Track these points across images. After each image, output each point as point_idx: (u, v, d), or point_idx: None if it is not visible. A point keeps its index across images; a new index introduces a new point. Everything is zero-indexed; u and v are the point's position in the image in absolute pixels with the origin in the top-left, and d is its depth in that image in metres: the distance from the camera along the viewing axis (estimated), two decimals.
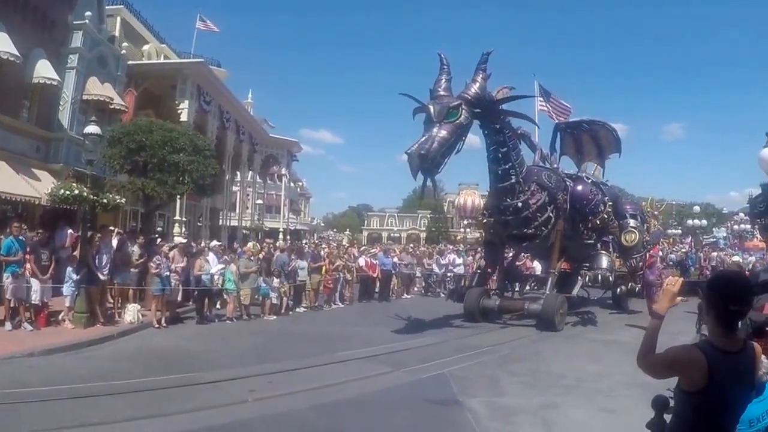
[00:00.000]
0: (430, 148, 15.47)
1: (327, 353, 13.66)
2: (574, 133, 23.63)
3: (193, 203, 35.13)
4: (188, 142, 21.58)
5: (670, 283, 3.66)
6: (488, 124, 17.75)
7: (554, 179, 20.26)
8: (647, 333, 3.56)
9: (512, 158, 18.28)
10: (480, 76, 17.07)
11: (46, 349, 12.58)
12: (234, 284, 18.54)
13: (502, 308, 19.67)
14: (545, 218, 19.35)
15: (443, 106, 16.18)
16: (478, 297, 19.78)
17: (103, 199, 17.19)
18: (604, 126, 23.11)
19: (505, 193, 18.79)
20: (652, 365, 3.47)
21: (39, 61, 22.45)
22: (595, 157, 23.54)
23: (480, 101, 16.86)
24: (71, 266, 15.49)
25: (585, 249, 21.30)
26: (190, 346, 14.40)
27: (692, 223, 51.87)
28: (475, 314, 19.39)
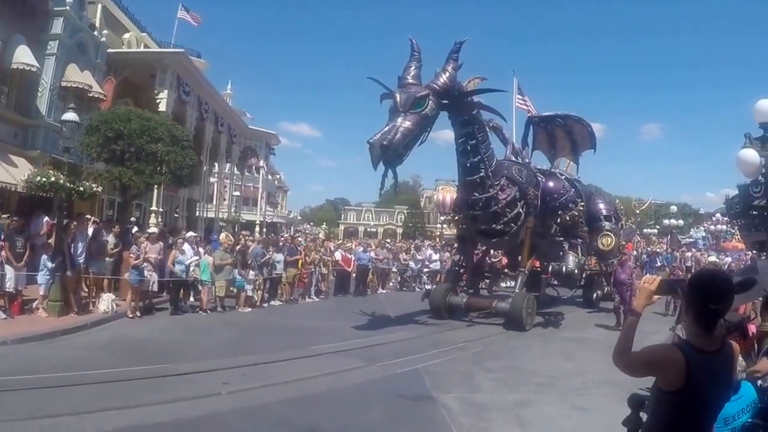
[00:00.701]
0: (392, 139, 15.03)
1: (301, 347, 13.65)
2: (548, 128, 22.99)
3: (170, 194, 34.89)
4: (166, 132, 21.42)
5: (647, 281, 3.68)
6: (456, 116, 17.35)
7: (525, 174, 19.71)
8: (624, 330, 3.58)
9: (481, 151, 17.77)
10: (450, 66, 16.57)
11: (19, 337, 12.55)
12: (209, 276, 18.51)
13: (469, 306, 19.14)
14: (515, 214, 18.77)
15: (409, 96, 15.67)
16: (444, 293, 19.49)
17: (79, 187, 17.04)
18: (580, 121, 22.42)
19: (474, 187, 18.28)
20: (629, 364, 3.45)
21: (18, 47, 22.11)
22: (569, 153, 23.09)
23: (448, 92, 16.41)
24: (46, 254, 15.37)
25: (556, 247, 21.00)
26: (163, 338, 14.37)
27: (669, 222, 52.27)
28: (441, 311, 18.99)
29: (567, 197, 20.27)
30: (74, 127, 17.01)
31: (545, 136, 23.11)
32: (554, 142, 23.09)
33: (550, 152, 23.42)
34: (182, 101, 31.27)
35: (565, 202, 20.12)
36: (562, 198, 20.10)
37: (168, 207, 36.38)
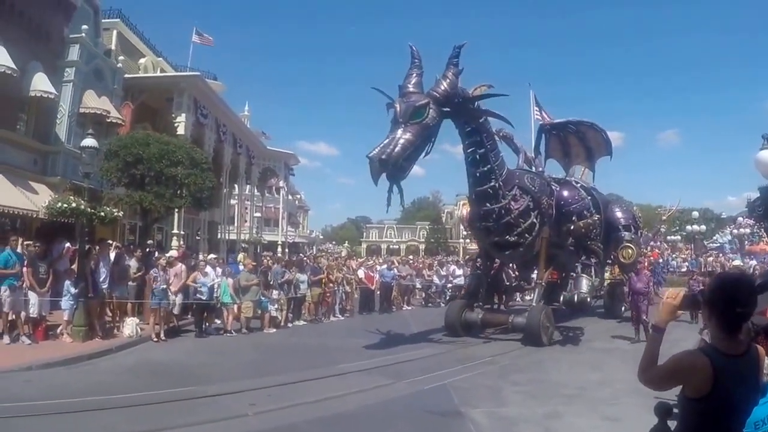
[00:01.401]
0: (392, 153, 14.53)
1: (327, 366, 13.53)
2: (561, 135, 21.83)
3: (191, 217, 35.07)
4: (185, 155, 21.53)
5: (670, 296, 3.60)
6: (462, 124, 16.79)
7: (538, 183, 18.99)
8: (647, 348, 3.49)
9: (491, 160, 17.11)
10: (451, 72, 15.96)
11: (44, 362, 12.53)
12: (231, 298, 18.48)
13: (485, 321, 18.68)
14: (529, 224, 17.96)
15: (409, 105, 15.13)
16: (459, 310, 18.70)
17: (100, 212, 17.19)
18: (593, 126, 21.40)
19: (485, 198, 17.55)
20: (655, 379, 3.40)
21: (36, 75, 22.49)
22: (584, 160, 22.37)
23: (450, 99, 15.83)
24: (69, 280, 15.45)
25: (573, 257, 20.17)
26: (189, 360, 14.33)
27: (691, 228, 51.73)
28: (456, 328, 18.28)
29: (582, 204, 19.66)
30: (93, 152, 17.14)
31: (558, 144, 22.07)
32: (568, 150, 22.16)
33: (564, 160, 22.52)
34: (200, 124, 31.53)
35: (580, 209, 19.47)
36: (577, 205, 19.51)
37: (189, 230, 36.60)
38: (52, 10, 24.36)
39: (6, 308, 14.23)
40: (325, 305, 22.69)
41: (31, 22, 23.05)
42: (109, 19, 31.13)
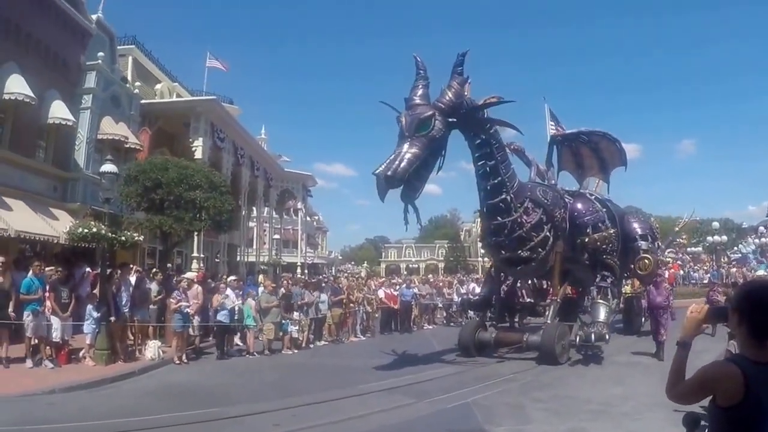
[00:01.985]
0: (397, 168, 14.15)
1: (349, 386, 13.52)
2: (573, 146, 20.97)
3: (210, 240, 35.24)
4: (204, 178, 21.71)
5: (694, 310, 3.55)
6: (471, 136, 16.32)
7: (551, 195, 18.42)
8: (674, 364, 3.44)
9: (501, 172, 16.54)
10: (456, 81, 15.51)
11: (67, 386, 12.64)
12: (253, 320, 18.54)
13: (499, 341, 18.11)
14: (542, 238, 17.41)
15: (414, 118, 14.73)
16: (473, 330, 18.24)
17: (121, 237, 17.32)
18: (605, 136, 20.52)
19: (496, 212, 17.04)
20: (684, 393, 3.34)
21: (54, 102, 22.81)
22: (598, 172, 21.46)
23: (456, 109, 15.39)
24: (91, 304, 15.56)
25: (590, 272, 19.49)
26: (211, 382, 14.38)
27: (712, 239, 51.31)
28: (470, 348, 17.75)
29: (596, 217, 19.15)
30: (113, 178, 17.37)
31: (571, 156, 21.21)
32: (581, 162, 21.29)
33: (578, 172, 21.67)
34: (218, 148, 31.71)
35: (595, 221, 18.97)
36: (591, 217, 19.02)
37: (209, 253, 36.77)
38: (69, 38, 24.77)
39: (29, 333, 14.30)
40: (345, 325, 22.69)
41: (48, 50, 23.44)
42: (125, 45, 31.53)
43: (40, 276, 15.14)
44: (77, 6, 25.18)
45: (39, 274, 15.20)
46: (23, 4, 21.99)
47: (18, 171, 21.67)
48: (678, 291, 35.93)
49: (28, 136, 22.50)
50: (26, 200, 21.20)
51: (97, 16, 27.12)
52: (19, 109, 21.14)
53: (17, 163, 21.60)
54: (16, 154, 21.51)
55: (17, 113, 21.45)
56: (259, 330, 18.65)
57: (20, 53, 21.67)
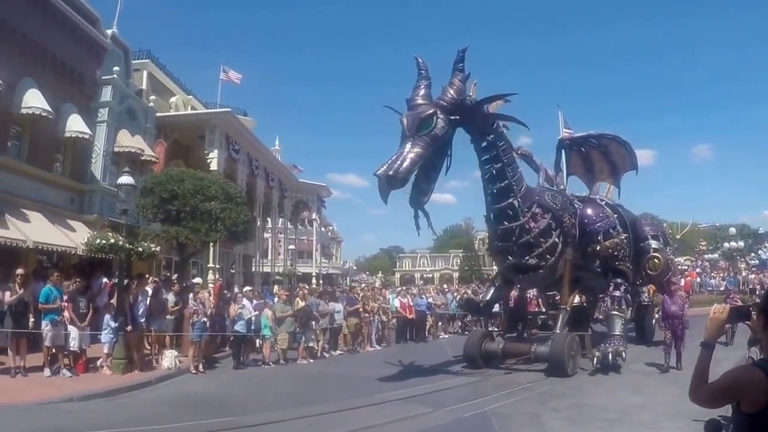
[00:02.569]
0: (399, 168, 13.76)
1: (366, 395, 13.51)
2: (582, 150, 20.46)
3: (226, 250, 35.33)
4: (220, 190, 21.89)
5: (717, 310, 3.54)
6: (477, 139, 15.93)
7: (560, 200, 17.84)
8: (698, 365, 3.41)
9: (508, 175, 16.06)
10: (457, 78, 15.07)
11: (85, 394, 12.74)
12: (270, 330, 18.60)
13: (506, 352, 17.42)
14: (550, 245, 16.84)
15: (415, 117, 14.32)
16: (479, 340, 17.55)
17: (138, 248, 17.49)
18: (615, 139, 20.02)
19: (502, 216, 16.55)
20: (708, 396, 3.31)
21: (70, 116, 23.06)
22: (608, 176, 21.02)
23: (458, 106, 14.89)
24: (109, 314, 15.71)
25: (601, 280, 19.09)
26: (228, 391, 14.44)
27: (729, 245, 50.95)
28: (476, 359, 17.18)
29: (607, 223, 18.59)
30: (130, 190, 17.53)
31: (580, 160, 20.77)
32: (591, 166, 20.83)
33: (587, 177, 21.25)
34: (232, 159, 31.97)
35: (606, 227, 18.42)
36: (602, 223, 18.45)
37: (224, 263, 36.88)
38: (84, 53, 25.06)
39: (47, 342, 14.43)
40: (361, 335, 22.71)
41: (64, 65, 23.71)
42: (139, 60, 31.84)
43: (58, 286, 15.30)
44: (92, 22, 25.48)
45: (57, 284, 15.35)
46: (40, 21, 22.24)
47: (36, 183, 21.88)
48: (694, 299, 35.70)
49: (46, 150, 22.74)
50: (44, 212, 21.41)
51: (112, 31, 27.40)
52: (37, 122, 21.39)
53: (35, 176, 21.80)
54: (34, 167, 21.72)
55: (35, 127, 21.70)
56: (275, 340, 18.66)
57: (37, 68, 21.94)
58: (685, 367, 14.39)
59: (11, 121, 20.95)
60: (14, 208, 19.91)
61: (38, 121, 21.21)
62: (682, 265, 50.73)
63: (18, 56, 21.01)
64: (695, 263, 53.15)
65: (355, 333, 22.21)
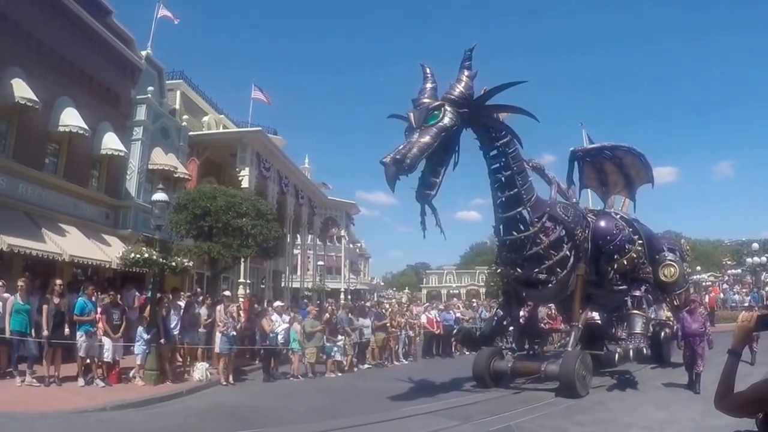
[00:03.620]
0: (407, 153, 13.04)
1: (393, 409, 13.59)
2: (595, 162, 19.47)
3: (256, 266, 35.72)
4: (251, 207, 22.22)
5: (745, 318, 3.54)
6: (487, 146, 15.23)
7: (571, 212, 17.05)
8: (724, 373, 3.41)
9: (518, 183, 15.36)
10: (465, 75, 14.43)
11: (118, 404, 12.99)
12: (298, 343, 18.86)
13: (515, 370, 16.67)
14: (561, 258, 16.10)
15: (422, 109, 13.81)
16: (488, 358, 16.71)
17: (171, 263, 17.88)
18: (630, 151, 19.00)
19: (510, 226, 15.95)
20: (734, 406, 3.30)
21: (106, 134, 23.75)
22: (623, 189, 20.09)
23: (466, 100, 14.23)
24: (142, 326, 16.04)
25: (615, 296, 18.29)
26: (257, 403, 14.60)
27: (752, 261, 50.35)
28: (485, 378, 16.42)
29: (622, 237, 17.53)
30: (164, 206, 17.90)
31: (594, 173, 19.79)
32: (605, 179, 19.89)
33: (601, 190, 20.32)
34: (263, 177, 32.42)
35: (621, 243, 17.43)
36: (617, 239, 17.38)
37: (255, 278, 37.31)
38: (120, 73, 25.81)
39: (82, 352, 14.75)
40: (388, 349, 22.93)
41: (100, 85, 24.45)
42: (173, 80, 32.65)
43: (93, 299, 15.69)
44: (128, 43, 26.26)
45: (92, 297, 15.74)
46: (77, 42, 23.00)
47: (72, 199, 22.50)
48: (719, 315, 35.48)
49: (82, 166, 23.38)
50: (80, 226, 22.04)
51: (146, 52, 28.18)
52: (74, 140, 22.04)
53: (71, 192, 22.44)
54: (71, 183, 22.38)
55: (72, 144, 22.36)
56: (303, 353, 18.92)
57: (74, 88, 22.62)
58: (703, 390, 13.99)
59: (49, 139, 21.59)
60: (51, 223, 20.50)
61: (75, 138, 21.84)
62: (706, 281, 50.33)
63: (56, 76, 21.67)
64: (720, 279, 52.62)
65: (382, 347, 22.42)
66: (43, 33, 20.96)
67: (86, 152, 23.16)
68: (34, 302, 14.78)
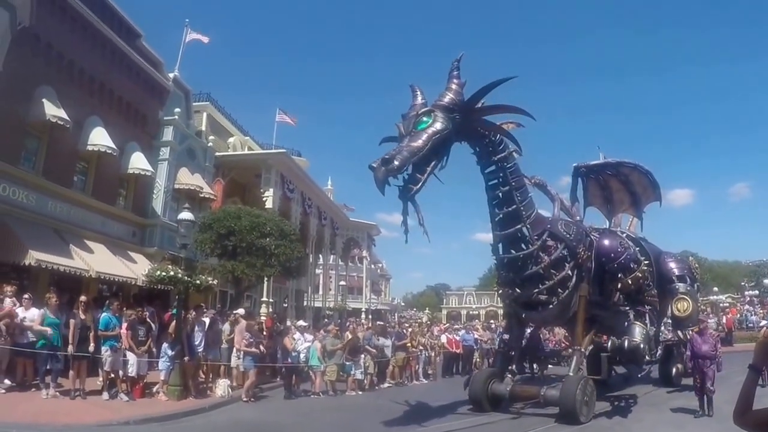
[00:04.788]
0: (395, 155, 12.23)
1: (412, 427, 13.69)
2: (600, 179, 18.45)
3: (279, 285, 36.09)
4: (275, 227, 22.60)
5: (766, 334, 3.66)
6: (483, 159, 14.63)
7: (574, 230, 16.26)
8: (744, 389, 3.40)
9: (516, 199, 14.76)
10: (454, 83, 13.75)
11: (141, 418, 13.21)
12: (319, 361, 19.04)
13: (514, 394, 15.59)
14: (562, 277, 15.36)
15: (411, 117, 13.14)
16: (485, 381, 15.94)
17: (196, 281, 18.17)
18: (636, 168, 18.05)
19: (509, 244, 15.34)
20: (752, 423, 3.27)
21: (134, 154, 24.27)
22: (629, 207, 19.23)
23: (457, 105, 13.42)
24: (166, 342, 16.30)
25: (622, 317, 17.42)
26: (278, 420, 14.76)
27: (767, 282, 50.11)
28: (482, 402, 15.61)
29: (627, 256, 16.80)
30: (190, 225, 18.22)
31: (598, 190, 18.76)
32: (610, 196, 18.87)
33: (606, 207, 19.31)
34: (287, 198, 32.83)
35: (625, 262, 16.67)
36: (621, 258, 16.63)
37: (278, 297, 37.61)
38: (148, 95, 26.40)
39: (106, 367, 15.03)
40: (409, 369, 23.04)
41: (129, 107, 25.02)
42: (200, 102, 33.21)
43: (118, 315, 16.01)
44: (156, 65, 26.89)
45: (117, 313, 16.06)
46: (107, 64, 23.58)
47: (100, 216, 22.96)
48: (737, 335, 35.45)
49: (110, 185, 23.87)
50: (107, 244, 22.47)
51: (174, 74, 28.76)
52: (102, 159, 22.55)
53: (99, 209, 22.91)
54: (98, 201, 22.86)
55: (100, 163, 22.86)
56: (323, 371, 19.08)
57: (103, 108, 23.19)
58: (716, 413, 13.79)
59: (78, 157, 22.10)
60: (79, 239, 20.92)
61: (103, 157, 22.33)
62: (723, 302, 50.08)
63: (86, 96, 22.25)
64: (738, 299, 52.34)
65: (402, 367, 22.54)
66: (74, 54, 21.52)
67: (114, 171, 23.65)
68: (62, 317, 15.06)
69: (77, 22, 21.78)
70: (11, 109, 18.46)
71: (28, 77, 19.27)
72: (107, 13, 24.12)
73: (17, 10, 17.30)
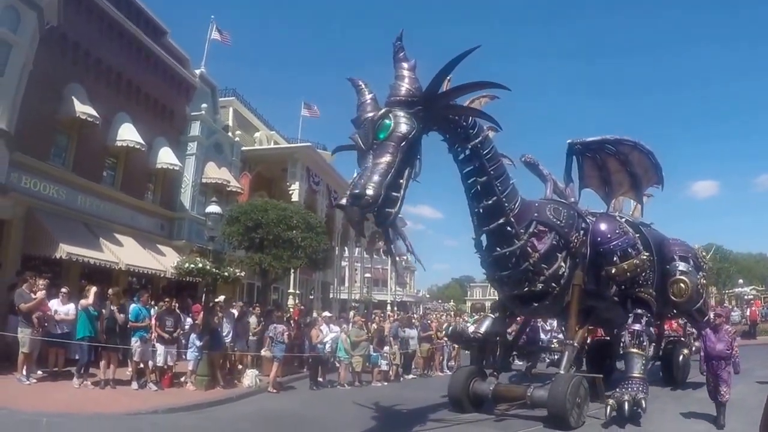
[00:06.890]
0: (366, 184, 9.84)
1: (437, 418, 13.72)
2: (597, 158, 16.43)
3: (305, 277, 36.36)
4: (301, 220, 22.81)
5: None
6: (455, 148, 12.77)
7: (564, 215, 14.47)
8: None
9: (496, 190, 12.84)
10: (404, 69, 11.35)
11: (170, 407, 13.45)
12: (345, 352, 19.22)
13: (498, 395, 14.17)
14: (555, 270, 13.72)
15: (367, 125, 10.75)
16: (465, 379, 14.57)
17: (224, 273, 18.45)
18: (636, 147, 15.91)
19: (494, 241, 13.56)
20: None
21: (161, 149, 24.71)
22: (629, 190, 17.17)
23: (416, 96, 11.08)
24: (195, 333, 16.60)
25: (620, 308, 15.69)
26: (304, 411, 14.87)
27: None
28: (462, 402, 14.30)
29: (625, 241, 15.01)
30: (217, 218, 18.52)
31: (595, 170, 16.78)
32: (608, 177, 16.83)
33: (604, 190, 17.20)
34: (313, 191, 33.09)
35: (623, 245, 14.86)
36: (617, 240, 14.87)
37: (304, 289, 37.86)
38: (175, 91, 26.85)
39: (136, 357, 15.41)
40: (433, 360, 23.26)
41: (156, 102, 25.49)
42: (226, 97, 33.67)
43: (147, 306, 16.32)
44: (182, 62, 27.32)
45: (147, 304, 16.38)
46: (135, 61, 24.05)
47: (129, 210, 23.40)
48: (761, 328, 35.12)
49: (138, 179, 24.32)
50: (136, 237, 22.91)
51: (200, 70, 29.20)
52: (131, 154, 23.01)
53: (128, 203, 23.36)
54: (127, 195, 23.32)
55: (128, 158, 23.31)
56: (350, 362, 19.28)
57: (131, 105, 23.66)
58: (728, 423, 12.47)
59: (107, 153, 22.54)
60: (108, 233, 21.34)
61: (131, 152, 22.79)
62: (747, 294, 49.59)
63: (114, 93, 22.67)
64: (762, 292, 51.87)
65: (427, 358, 22.74)
66: (101, 52, 21.91)
67: (142, 166, 24.08)
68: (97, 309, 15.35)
69: (104, 21, 22.16)
70: (42, 107, 18.82)
71: (57, 76, 19.67)
72: (133, 11, 24.51)
73: (44, 10, 17.61)
